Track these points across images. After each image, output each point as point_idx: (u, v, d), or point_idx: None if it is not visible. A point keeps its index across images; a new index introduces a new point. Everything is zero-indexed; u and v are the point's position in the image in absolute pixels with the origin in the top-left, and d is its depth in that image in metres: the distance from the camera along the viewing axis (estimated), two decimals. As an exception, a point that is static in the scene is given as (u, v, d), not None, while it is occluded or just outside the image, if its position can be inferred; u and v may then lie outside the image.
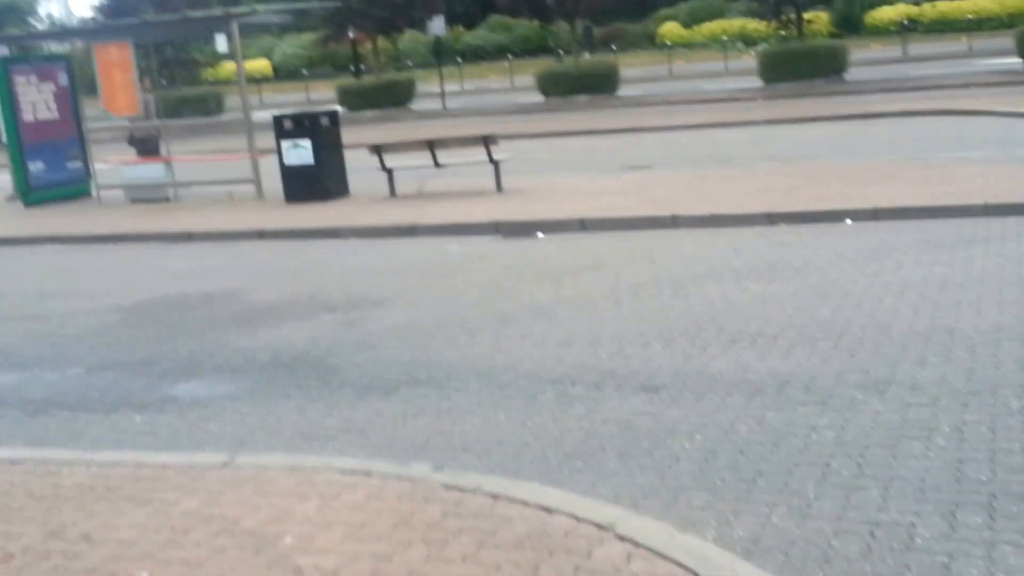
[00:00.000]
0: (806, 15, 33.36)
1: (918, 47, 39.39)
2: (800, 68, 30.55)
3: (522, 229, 12.34)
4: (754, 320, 7.46)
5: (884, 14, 46.41)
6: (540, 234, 12.12)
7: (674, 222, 11.84)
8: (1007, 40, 38.57)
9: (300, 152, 15.51)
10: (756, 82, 32.29)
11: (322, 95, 43.16)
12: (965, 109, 21.91)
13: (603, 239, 11.48)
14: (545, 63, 39.98)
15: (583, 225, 12.18)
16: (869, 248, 9.63)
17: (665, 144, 21.28)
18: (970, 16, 41.57)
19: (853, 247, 9.76)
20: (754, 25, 48.05)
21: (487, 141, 14.68)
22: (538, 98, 34.45)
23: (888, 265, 8.86)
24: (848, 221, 11.11)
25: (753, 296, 8.16)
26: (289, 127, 15.66)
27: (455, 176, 16.14)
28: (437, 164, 15.28)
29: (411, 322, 8.40)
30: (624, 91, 33.87)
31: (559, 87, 33.41)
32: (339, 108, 28.03)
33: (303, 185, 15.63)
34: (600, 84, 33.08)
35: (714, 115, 25.51)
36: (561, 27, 46.20)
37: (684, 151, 19.67)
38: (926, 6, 45.81)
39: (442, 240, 12.28)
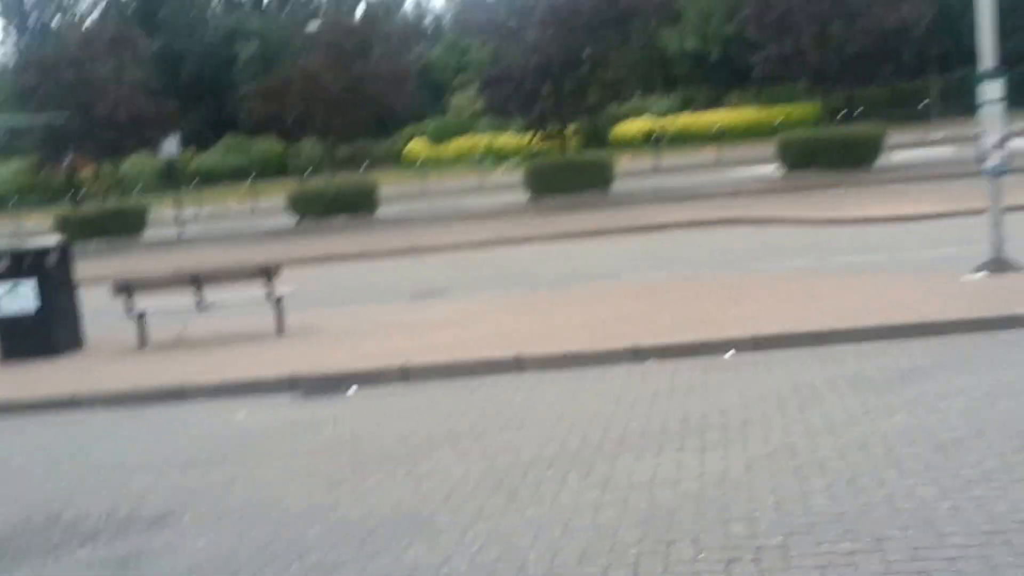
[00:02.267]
0: (571, 128, 32.52)
1: (668, 159, 39.61)
2: (568, 181, 29.46)
3: (328, 384, 9.63)
4: (741, 521, 5.11)
5: (629, 128, 46.92)
6: (353, 389, 9.47)
7: (519, 364, 9.50)
8: (752, 150, 39.61)
9: (20, 297, 12.19)
10: (521, 196, 31.00)
11: (38, 225, 38.56)
12: (757, 217, 21.12)
13: (438, 392, 8.98)
14: (293, 183, 37.38)
15: (405, 374, 9.63)
16: (786, 389, 7.60)
17: (451, 265, 19.13)
18: (722, 127, 42.45)
19: (766, 388, 7.71)
20: (504, 140, 47.59)
21: (267, 272, 11.94)
22: (288, 221, 31.74)
23: (835, 414, 6.78)
24: (731, 353, 9.14)
25: (708, 478, 5.82)
26: (3, 267, 12.32)
27: (221, 317, 13.23)
28: (200, 303, 12.34)
29: (217, 557, 5.54)
30: (385, 210, 31.74)
31: (313, 208, 30.86)
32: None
33: (25, 338, 12.27)
34: (358, 204, 30.80)
35: (494, 232, 23.69)
36: (303, 146, 43.97)
37: (475, 272, 17.59)
38: (667, 120, 46.67)
39: (223, 406, 9.39)
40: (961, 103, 42.68)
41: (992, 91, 11.13)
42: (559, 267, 17.14)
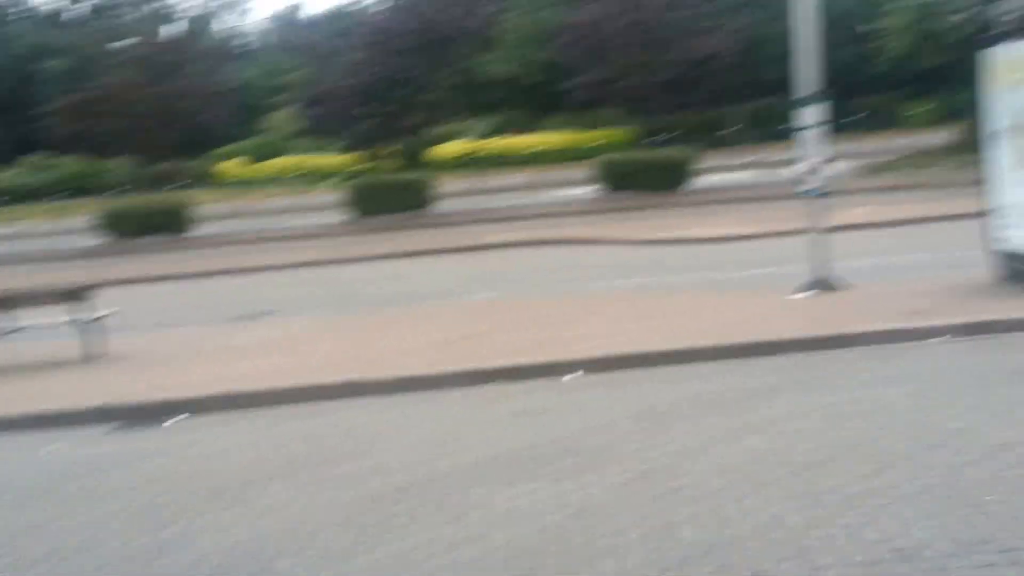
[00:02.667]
0: (390, 149, 32.18)
1: (486, 180, 39.66)
2: (390, 201, 29.07)
3: (147, 414, 8.95)
4: (609, 557, 4.84)
5: (446, 150, 46.74)
6: (176, 419, 8.82)
7: (356, 389, 9.06)
8: (568, 172, 40.12)
9: None
10: (342, 216, 30.38)
11: None
12: (581, 237, 21.27)
13: (270, 421, 8.44)
14: (104, 202, 35.54)
15: (233, 402, 9.04)
16: (637, 412, 7.45)
17: (274, 286, 18.45)
18: (537, 150, 42.79)
19: (616, 411, 7.53)
20: (323, 160, 46.70)
21: (77, 294, 11.09)
22: (97, 240, 30.10)
23: (690, 437, 6.65)
24: (577, 374, 8.98)
25: (569, 510, 5.54)
26: None
27: (28, 343, 12.23)
28: (2, 328, 11.37)
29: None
30: (200, 230, 30.51)
31: (124, 227, 29.38)
32: None
33: None
34: (170, 223, 29.51)
35: (317, 251, 23.09)
36: (113, 164, 42.08)
37: (301, 293, 16.99)
38: (485, 142, 46.76)
39: (27, 440, 8.59)
40: (762, 130, 44.79)
41: (811, 116, 11.41)
42: (388, 287, 16.74)
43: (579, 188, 34.53)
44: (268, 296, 16.86)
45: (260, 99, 51.75)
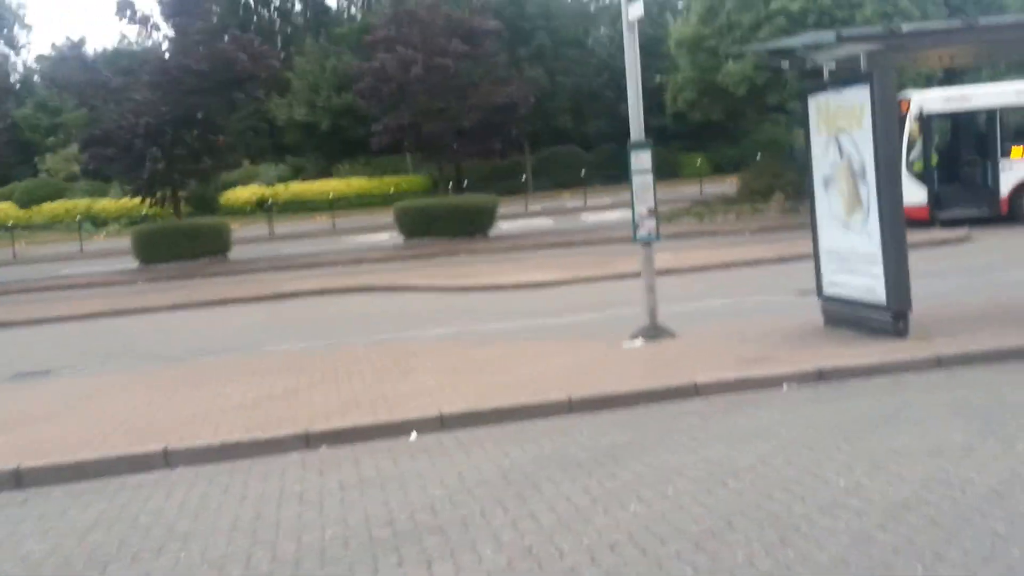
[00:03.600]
0: (178, 192, 30.56)
1: (281, 226, 38.48)
2: (181, 247, 27.56)
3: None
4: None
5: (239, 195, 45.24)
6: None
7: (168, 459, 8.08)
8: (366, 218, 39.47)
9: None
10: (128, 263, 28.62)
11: None
12: (388, 285, 20.60)
13: (66, 502, 7.33)
14: None
15: (18, 479, 7.87)
16: (494, 477, 6.86)
17: (59, 340, 16.88)
18: (334, 196, 41.87)
19: (471, 476, 6.92)
20: (104, 204, 44.23)
21: None
22: None
23: (561, 505, 6.10)
24: (413, 435, 8.31)
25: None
26: None
27: None
28: None
29: None
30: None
31: None
32: None
33: None
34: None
35: (103, 302, 21.44)
36: None
37: (90, 348, 15.58)
38: (279, 187, 45.53)
39: None
40: (550, 178, 45.58)
41: (641, 161, 11.22)
42: (187, 339, 15.56)
43: (380, 234, 33.90)
44: (48, 353, 15.38)
45: (35, 138, 48.71)
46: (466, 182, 35.15)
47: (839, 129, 10.11)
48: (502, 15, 36.39)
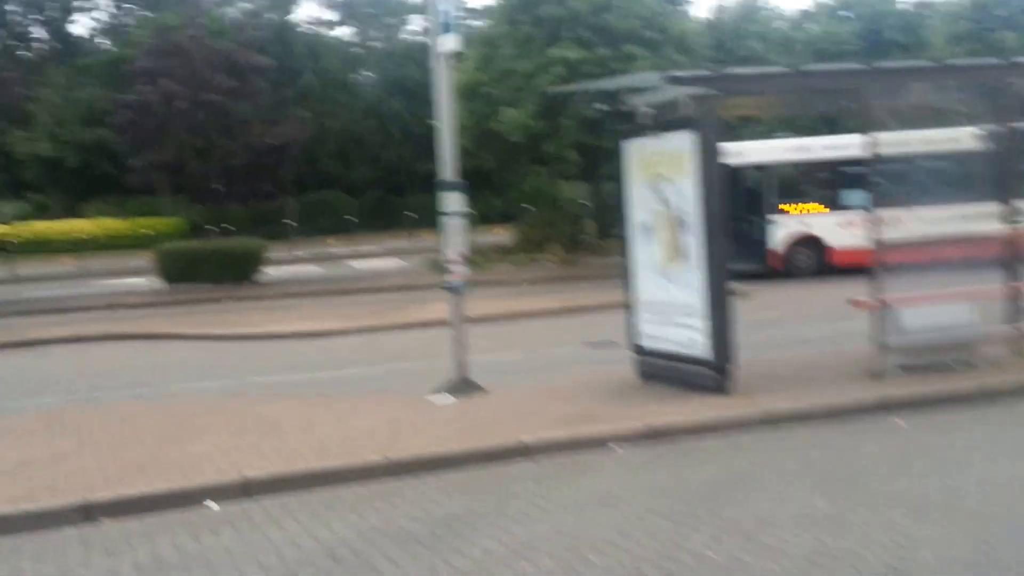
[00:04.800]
0: None
1: (22, 268, 35.48)
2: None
3: None
4: None
5: (-31, 235, 41.49)
6: None
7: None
8: (118, 261, 37.00)
9: None
10: None
11: None
12: (149, 333, 19.02)
13: None
14: None
15: None
16: (320, 557, 6.01)
17: None
18: (80, 237, 39.03)
19: (293, 556, 6.04)
20: None
21: None
22: None
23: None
24: (213, 504, 7.30)
25: None
26: None
27: None
28: None
29: None
30: None
31: None
32: None
33: None
34: None
35: None
36: None
37: None
38: (20, 226, 42.08)
39: None
40: (315, 224, 44.39)
41: (453, 203, 10.63)
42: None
43: (136, 279, 31.72)
44: None
45: None
46: (228, 226, 33.56)
47: (659, 176, 9.85)
48: (267, 52, 35.14)
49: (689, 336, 9.65)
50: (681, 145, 9.42)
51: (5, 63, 43.13)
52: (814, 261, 22.66)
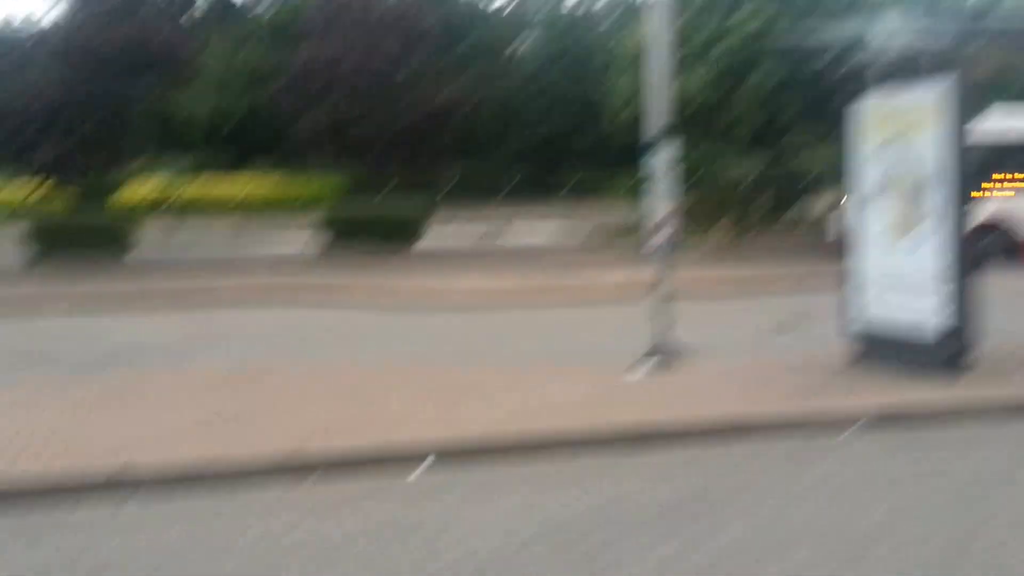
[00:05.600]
0: (68, 185, 27.98)
1: (184, 227, 36.18)
2: (78, 243, 25.14)
3: None
4: None
5: (135, 192, 42.59)
6: None
7: (118, 486, 6.39)
8: (276, 222, 37.50)
9: None
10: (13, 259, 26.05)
11: None
12: (318, 294, 18.89)
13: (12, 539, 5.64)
14: None
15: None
16: (530, 535, 5.41)
17: None
18: (240, 198, 39.71)
19: (497, 531, 5.46)
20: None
21: None
22: None
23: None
24: (423, 466, 6.79)
25: None
26: None
27: None
28: None
29: None
30: None
31: None
32: None
33: None
34: None
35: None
36: None
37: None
38: (180, 186, 43.10)
39: None
40: (471, 192, 44.03)
41: (661, 162, 9.88)
42: (89, 346, 13.59)
43: (293, 241, 31.94)
44: None
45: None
46: (385, 191, 33.46)
47: (898, 135, 8.90)
48: (429, 18, 34.83)
49: (923, 312, 8.69)
50: (928, 99, 8.47)
51: (170, 25, 44.07)
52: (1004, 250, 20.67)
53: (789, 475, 6.37)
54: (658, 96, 10.15)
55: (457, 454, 6.95)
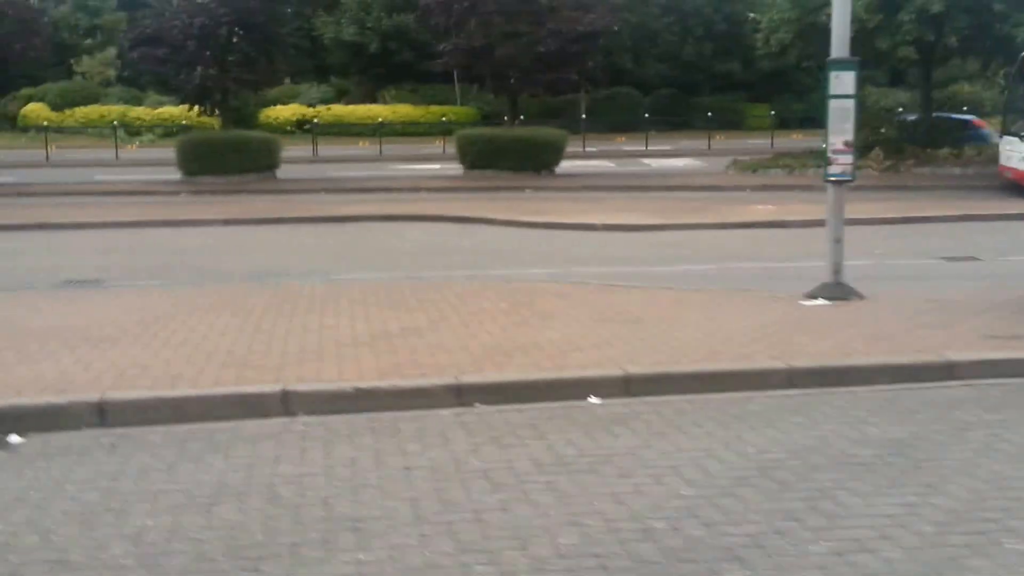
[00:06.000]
0: (221, 104, 28.34)
1: (324, 149, 36.51)
2: (227, 161, 25.59)
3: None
4: None
5: (279, 113, 43.21)
6: (14, 438, 5.83)
7: (288, 403, 6.31)
8: (412, 146, 37.57)
9: None
10: (167, 173, 26.68)
11: None
12: (458, 215, 18.74)
13: (157, 444, 5.59)
14: None
15: (102, 415, 6.12)
16: (736, 476, 5.07)
17: (96, 247, 15.12)
18: (378, 121, 39.83)
19: (696, 470, 5.14)
20: (138, 112, 42.31)
21: None
22: None
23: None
24: (593, 399, 6.52)
25: None
26: None
27: None
28: None
29: None
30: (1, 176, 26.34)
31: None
32: None
33: None
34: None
35: (144, 211, 19.72)
36: None
37: (138, 259, 13.87)
38: (321, 108, 43.49)
39: None
40: (604, 120, 43.27)
41: (843, 84, 9.29)
42: (243, 259, 13.77)
43: (431, 164, 31.97)
44: (94, 260, 13.62)
45: (71, 40, 46.54)
46: (522, 116, 33.05)
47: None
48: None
49: None
50: None
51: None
52: None
53: (1007, 419, 5.89)
54: (839, 16, 9.51)
55: (641, 381, 6.66)
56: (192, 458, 5.40)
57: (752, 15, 31.75)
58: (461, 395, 6.46)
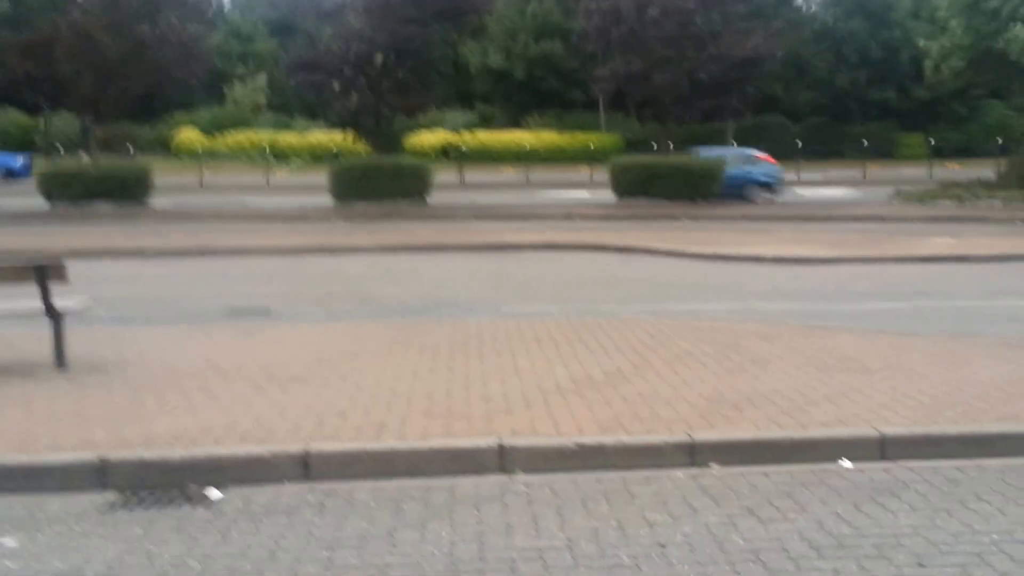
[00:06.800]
0: (370, 130, 28.40)
1: (469, 175, 36.39)
2: (379, 187, 25.55)
3: (162, 480, 5.49)
4: None
5: (424, 139, 43.41)
6: (214, 493, 5.36)
7: (504, 460, 5.68)
8: (558, 173, 37.15)
9: None
10: (318, 199, 26.80)
11: None
12: (618, 245, 18.08)
13: (363, 502, 5.04)
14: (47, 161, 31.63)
15: (306, 469, 5.61)
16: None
17: (258, 274, 15.01)
18: (523, 148, 39.60)
19: (993, 550, 4.34)
20: (288, 138, 43.04)
21: (42, 271, 7.55)
22: (39, 204, 26.09)
23: None
24: (845, 462, 5.74)
25: None
26: None
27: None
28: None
29: None
30: (160, 202, 26.80)
31: (70, 191, 25.48)
32: None
33: None
34: (125, 190, 25.66)
35: (303, 237, 19.70)
36: (54, 121, 38.07)
37: (302, 287, 13.65)
38: (466, 134, 43.52)
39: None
40: (752, 147, 41.99)
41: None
42: (407, 288, 13.41)
43: (578, 191, 31.50)
44: (258, 288, 13.43)
45: (224, 67, 47.79)
46: (671, 144, 32.31)
47: None
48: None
49: None
50: None
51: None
52: None
53: None
54: None
55: (898, 443, 5.85)
56: (413, 524, 4.82)
57: (922, 41, 30.30)
58: (694, 454, 5.76)
